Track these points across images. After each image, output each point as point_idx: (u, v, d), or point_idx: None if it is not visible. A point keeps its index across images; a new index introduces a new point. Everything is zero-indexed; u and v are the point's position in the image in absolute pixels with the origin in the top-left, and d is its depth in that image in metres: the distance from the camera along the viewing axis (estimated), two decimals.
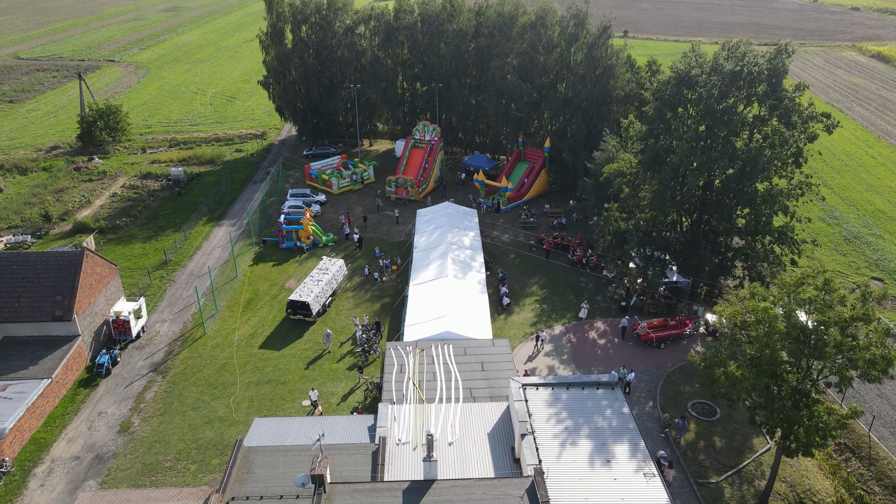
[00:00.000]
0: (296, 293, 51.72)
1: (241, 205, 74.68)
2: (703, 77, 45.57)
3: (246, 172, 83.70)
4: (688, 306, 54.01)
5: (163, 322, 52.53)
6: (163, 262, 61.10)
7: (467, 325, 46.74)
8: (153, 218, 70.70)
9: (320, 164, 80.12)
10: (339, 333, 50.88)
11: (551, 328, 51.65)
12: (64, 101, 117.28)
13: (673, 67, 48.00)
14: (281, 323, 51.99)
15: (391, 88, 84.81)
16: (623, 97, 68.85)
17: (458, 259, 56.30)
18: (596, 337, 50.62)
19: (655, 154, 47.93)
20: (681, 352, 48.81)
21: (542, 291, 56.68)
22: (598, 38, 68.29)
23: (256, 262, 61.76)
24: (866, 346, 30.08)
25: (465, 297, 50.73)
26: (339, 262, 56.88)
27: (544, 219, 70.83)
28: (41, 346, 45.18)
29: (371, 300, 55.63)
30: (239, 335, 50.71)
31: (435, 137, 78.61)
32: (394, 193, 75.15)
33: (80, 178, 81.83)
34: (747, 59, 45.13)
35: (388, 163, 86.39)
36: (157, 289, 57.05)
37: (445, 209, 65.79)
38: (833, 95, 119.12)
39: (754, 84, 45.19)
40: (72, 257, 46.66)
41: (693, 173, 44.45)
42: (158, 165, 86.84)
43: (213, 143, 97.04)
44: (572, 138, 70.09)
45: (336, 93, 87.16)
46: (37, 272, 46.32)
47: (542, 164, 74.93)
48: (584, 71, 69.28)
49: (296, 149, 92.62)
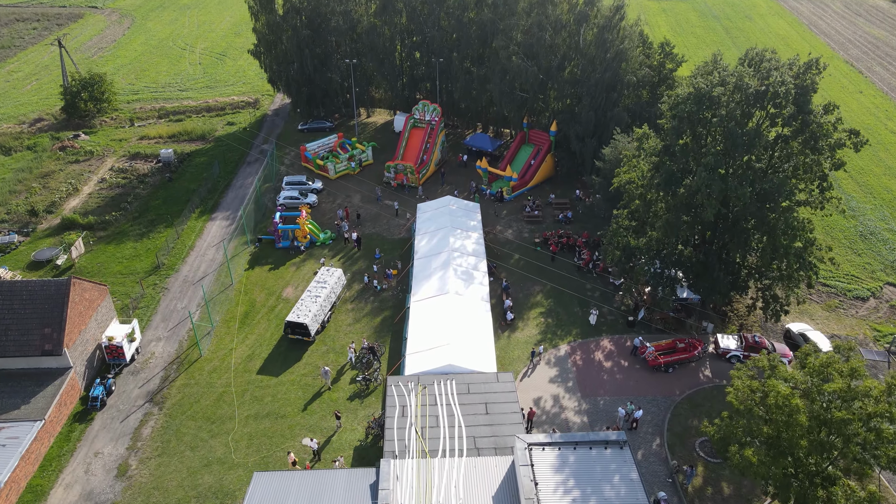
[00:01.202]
0: (293, 313, 50.06)
1: (234, 192, 71.92)
2: (725, 98, 42.17)
3: (239, 152, 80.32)
4: (697, 321, 52.48)
5: (157, 341, 51.11)
6: (155, 267, 59.10)
7: (470, 355, 45.32)
8: (144, 210, 68.13)
9: (316, 144, 76.73)
10: (339, 354, 49.56)
11: (556, 347, 50.30)
12: (46, 60, 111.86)
13: (693, 81, 44.45)
14: (279, 343, 50.59)
15: (389, 60, 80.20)
16: (635, 82, 64.91)
17: (460, 268, 54.30)
18: (602, 358, 49.31)
19: (671, 174, 45.14)
20: (689, 375, 47.66)
21: (546, 302, 54.98)
22: (611, 18, 63.69)
23: (252, 266, 59.77)
24: (892, 439, 28.69)
25: (468, 318, 49.08)
26: (338, 273, 54.91)
27: (549, 210, 68.28)
28: (32, 380, 43.94)
29: (371, 313, 54.02)
30: (236, 357, 49.39)
31: (435, 118, 74.90)
32: (393, 179, 72.24)
33: (66, 160, 78.61)
34: (773, 78, 41.64)
35: (387, 139, 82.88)
36: (151, 299, 55.35)
37: (447, 205, 63.19)
38: (853, 52, 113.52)
39: (780, 105, 41.93)
40: (58, 287, 44.73)
41: (710, 202, 41.85)
42: (147, 143, 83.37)
43: (204, 113, 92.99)
44: (580, 125, 66.58)
45: (331, 64, 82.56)
46: (23, 302, 44.52)
47: (548, 149, 71.67)
48: (594, 52, 65.01)
49: (290, 121, 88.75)
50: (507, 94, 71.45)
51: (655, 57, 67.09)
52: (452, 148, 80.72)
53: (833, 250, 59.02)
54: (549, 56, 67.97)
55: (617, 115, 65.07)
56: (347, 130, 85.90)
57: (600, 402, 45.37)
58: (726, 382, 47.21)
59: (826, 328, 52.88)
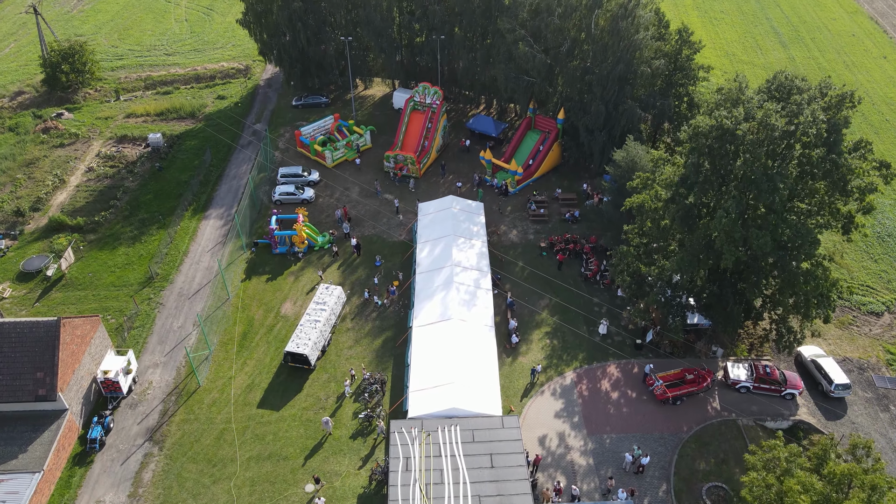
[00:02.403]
0: (293, 341, 48.68)
1: (227, 184, 69.02)
2: (751, 137, 39.05)
3: (230, 133, 76.62)
4: (706, 345, 51.21)
5: (155, 367, 50.00)
6: (149, 278, 57.24)
7: (475, 395, 44.32)
8: (134, 207, 65.46)
9: (311, 127, 73.07)
10: (339, 383, 48.53)
11: (562, 375, 49.25)
12: (24, 18, 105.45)
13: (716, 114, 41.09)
14: (279, 371, 49.44)
15: (386, 33, 75.15)
16: (649, 74, 60.85)
17: (463, 287, 52.53)
18: (609, 388, 48.34)
19: (688, 211, 42.63)
20: (698, 408, 46.87)
21: (552, 320, 53.50)
22: (626, 4, 58.91)
23: (248, 276, 57.89)
24: None
25: (472, 349, 47.80)
26: (337, 292, 53.13)
27: (555, 206, 65.68)
28: (28, 424, 43.06)
29: (372, 333, 52.65)
30: (236, 387, 48.40)
31: (437, 101, 70.94)
32: (393, 169, 69.20)
33: (51, 143, 75.10)
34: (804, 118, 38.43)
35: (386, 118, 79.00)
36: (146, 317, 53.84)
37: (450, 206, 60.62)
38: (877, 5, 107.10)
39: (809, 146, 38.95)
40: (48, 328, 43.13)
41: (729, 250, 39.59)
42: (135, 122, 79.54)
43: (193, 83, 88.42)
44: (589, 117, 63.02)
45: (325, 37, 77.58)
46: (12, 345, 43.07)
47: (555, 137, 68.25)
48: (606, 40, 60.61)
49: (284, 95, 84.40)
50: (512, 79, 67.37)
51: (672, 42, 62.66)
52: (454, 127, 77.00)
53: (847, 257, 57.34)
54: (558, 40, 63.50)
55: (629, 110, 61.49)
56: (344, 105, 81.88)
57: (606, 441, 44.72)
58: (735, 415, 46.58)
59: (838, 349, 51.72)
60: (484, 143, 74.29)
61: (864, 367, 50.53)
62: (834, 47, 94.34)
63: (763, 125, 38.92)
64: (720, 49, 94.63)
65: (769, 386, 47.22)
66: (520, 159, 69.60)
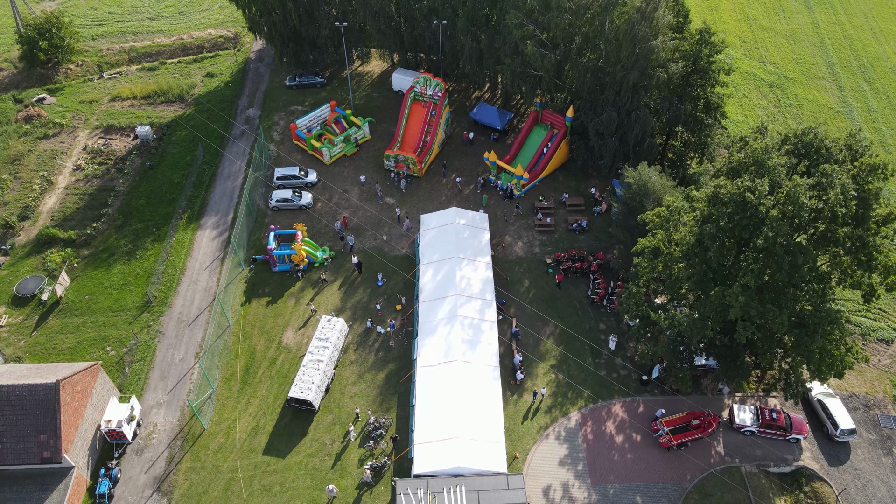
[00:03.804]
0: (296, 386, 48.20)
1: (222, 185, 66.39)
2: (775, 213, 36.63)
3: (222, 121, 72.97)
4: (713, 382, 50.80)
5: (158, 407, 49.81)
6: (146, 302, 56.09)
7: (480, 450, 44.34)
8: (127, 214, 63.24)
9: (307, 119, 69.49)
10: (344, 426, 48.48)
11: (567, 416, 49.14)
12: None
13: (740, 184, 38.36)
14: (283, 413, 49.22)
15: (384, 13, 69.92)
16: (665, 80, 57.00)
17: (466, 321, 51.51)
18: (613, 431, 48.34)
19: (703, 275, 40.90)
20: (702, 453, 47.00)
21: (557, 350, 52.83)
22: (644, 9, 54.29)
23: (248, 298, 56.68)
24: None
25: (477, 394, 47.48)
26: (340, 325, 52.14)
27: (562, 211, 63.47)
28: (35, 483, 43.31)
29: (375, 366, 52.11)
30: (240, 430, 48.36)
31: (438, 93, 67.12)
32: (394, 169, 66.39)
33: (35, 135, 71.71)
34: (833, 195, 35.90)
35: (385, 102, 75.17)
36: (146, 348, 53.12)
37: (453, 220, 58.50)
38: None
39: (836, 221, 36.71)
40: (47, 391, 42.52)
41: (744, 326, 38.24)
42: (121, 106, 75.65)
43: (179, 56, 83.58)
44: (601, 122, 59.71)
45: (318, 16, 72.34)
46: (13, 408, 42.64)
47: (563, 134, 64.99)
48: (621, 42, 56.36)
49: (276, 73, 79.82)
50: (518, 75, 63.37)
51: (691, 42, 58.27)
52: (457, 112, 73.18)
53: None
54: (569, 35, 59.11)
55: (643, 118, 58.16)
56: (340, 85, 77.68)
57: (610, 492, 45.14)
58: (739, 461, 46.82)
59: (845, 384, 51.36)
60: (488, 134, 71.02)
61: (871, 403, 50.36)
62: (862, 10, 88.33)
63: (790, 199, 36.50)
64: (740, 12, 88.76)
65: (774, 431, 47.19)
66: (526, 156, 66.71)
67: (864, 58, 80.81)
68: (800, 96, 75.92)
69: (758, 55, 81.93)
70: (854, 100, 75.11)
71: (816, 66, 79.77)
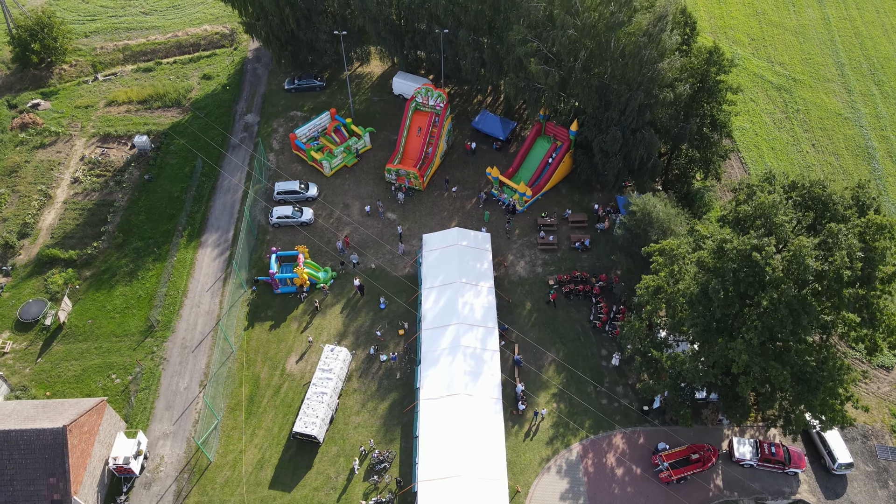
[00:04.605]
0: (301, 420, 48.70)
1: (222, 199, 65.76)
2: (780, 274, 36.31)
3: (220, 128, 71.85)
4: (713, 412, 51.28)
5: (165, 438, 50.44)
6: (149, 327, 56.24)
7: (483, 488, 45.03)
8: (127, 232, 62.79)
9: (307, 128, 68.43)
10: (349, 457, 49.20)
11: (568, 448, 49.80)
12: None
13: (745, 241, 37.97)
14: (288, 445, 49.84)
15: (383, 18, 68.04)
16: (672, 100, 55.89)
17: (469, 349, 51.72)
18: (614, 463, 49.05)
19: (707, 325, 40.86)
20: (701, 487, 47.78)
21: (558, 378, 53.21)
22: (651, 32, 52.85)
23: (251, 322, 56.79)
24: None
25: (479, 429, 47.96)
26: (343, 355, 52.39)
27: (565, 228, 63.06)
28: None
29: (378, 395, 52.55)
30: (246, 463, 49.08)
31: (440, 104, 65.98)
32: (395, 182, 65.74)
33: (31, 144, 70.71)
34: (839, 259, 35.54)
35: (385, 106, 73.90)
36: (150, 376, 53.50)
37: (456, 242, 58.15)
38: None
39: (841, 282, 36.46)
40: (55, 436, 43.03)
41: (747, 381, 38.40)
42: (117, 112, 74.40)
43: (175, 53, 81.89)
44: (606, 140, 58.83)
45: (316, 20, 70.48)
46: (22, 453, 43.22)
47: (567, 148, 64.07)
48: (627, 63, 55.06)
49: (274, 75, 78.20)
50: (522, 89, 62.15)
51: (699, 61, 56.94)
52: (458, 118, 71.99)
53: None
54: (573, 52, 57.70)
55: (648, 139, 57.30)
56: (339, 87, 76.24)
57: None
58: (737, 496, 47.65)
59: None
60: (490, 144, 70.09)
61: (869, 433, 50.97)
62: (874, 5, 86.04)
63: (795, 260, 36.18)
64: (749, 6, 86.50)
65: (773, 465, 47.89)
66: (528, 168, 65.96)
67: (875, 58, 79.06)
68: (807, 100, 74.58)
69: (766, 54, 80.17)
70: (863, 105, 73.82)
71: (826, 67, 78.15)
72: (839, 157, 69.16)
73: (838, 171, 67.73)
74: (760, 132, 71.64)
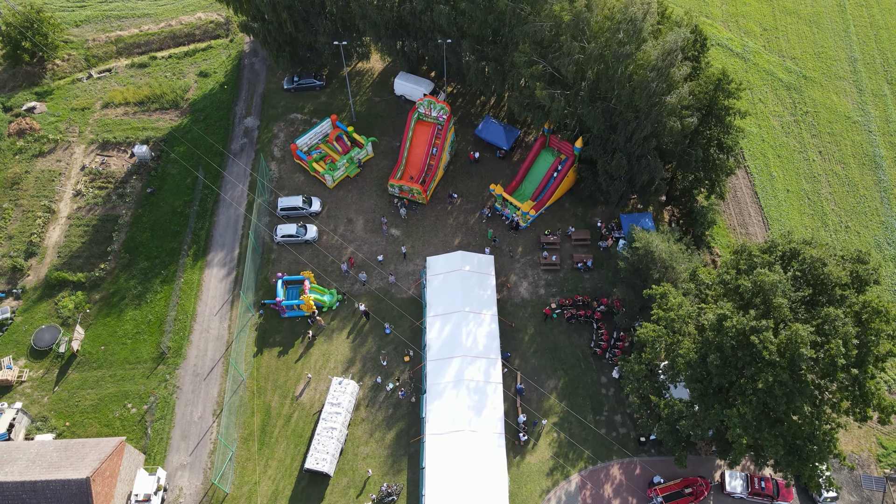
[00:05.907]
0: (312, 457, 50.86)
1: (226, 213, 65.81)
2: (775, 358, 37.19)
3: (220, 132, 70.91)
4: (707, 444, 53.37)
5: (182, 469, 52.83)
6: (161, 354, 57.73)
7: None
8: (133, 251, 63.19)
9: (308, 136, 67.60)
10: (358, 490, 51.73)
11: (567, 479, 52.23)
12: None
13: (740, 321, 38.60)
14: (300, 477, 52.25)
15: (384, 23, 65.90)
16: (679, 130, 55.08)
17: (472, 383, 53.38)
18: (612, 495, 51.60)
19: (704, 390, 42.16)
20: None
21: (559, 407, 55.11)
22: (659, 66, 51.49)
23: (260, 349, 58.19)
24: None
25: (482, 464, 50.21)
26: (351, 388, 54.07)
27: (568, 245, 63.49)
28: None
29: (385, 424, 54.57)
30: (261, 495, 51.61)
31: (443, 116, 65.00)
32: (398, 195, 65.65)
33: (30, 152, 70.01)
34: (835, 347, 36.31)
35: (387, 108, 72.67)
36: (165, 405, 55.41)
37: (460, 267, 58.77)
38: None
39: (836, 364, 37.39)
40: (79, 486, 45.27)
41: (740, 448, 40.10)
42: (115, 115, 73.19)
43: (170, 44, 79.71)
44: (610, 163, 58.45)
45: (315, 23, 68.21)
46: (48, 500, 45.53)
47: (571, 163, 63.56)
48: (633, 90, 53.97)
49: (273, 73, 76.39)
50: (526, 106, 61.15)
51: (707, 89, 55.73)
52: (461, 122, 70.94)
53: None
54: (580, 72, 56.50)
55: (652, 165, 56.92)
56: (339, 86, 74.76)
57: None
58: None
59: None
60: (494, 152, 69.41)
61: (855, 463, 53.20)
62: None
63: (791, 347, 37.06)
64: None
65: (762, 498, 50.41)
66: (532, 181, 65.70)
67: (889, 51, 76.94)
68: (817, 102, 73.18)
69: (778, 47, 77.94)
70: (873, 107, 72.49)
71: (838, 63, 76.18)
72: (845, 165, 68.66)
73: (843, 181, 67.44)
74: (767, 138, 70.74)
